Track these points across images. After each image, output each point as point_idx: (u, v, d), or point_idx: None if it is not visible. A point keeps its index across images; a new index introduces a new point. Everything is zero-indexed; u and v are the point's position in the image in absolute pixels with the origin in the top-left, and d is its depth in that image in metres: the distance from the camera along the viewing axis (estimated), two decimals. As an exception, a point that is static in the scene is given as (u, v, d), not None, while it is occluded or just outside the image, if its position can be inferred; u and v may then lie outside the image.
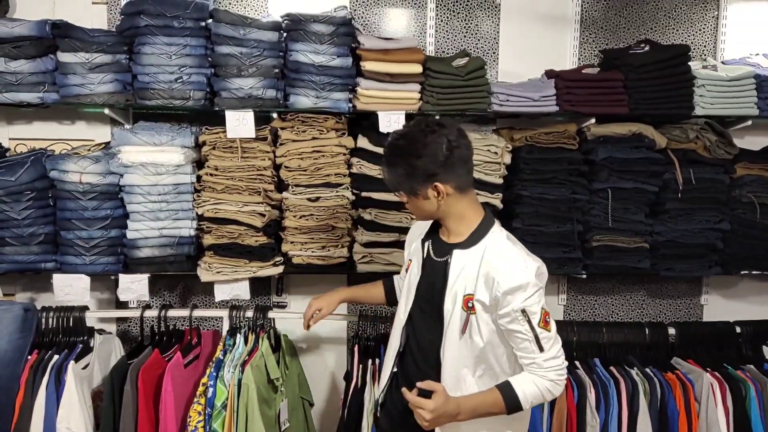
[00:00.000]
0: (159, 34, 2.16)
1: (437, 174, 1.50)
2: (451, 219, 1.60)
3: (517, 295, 1.48)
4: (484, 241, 1.57)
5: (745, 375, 2.29)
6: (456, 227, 1.60)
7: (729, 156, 2.46)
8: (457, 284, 1.56)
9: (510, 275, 1.49)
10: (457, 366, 1.56)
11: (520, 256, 1.54)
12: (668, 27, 2.70)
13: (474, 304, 1.53)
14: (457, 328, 1.55)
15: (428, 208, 1.58)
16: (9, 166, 2.20)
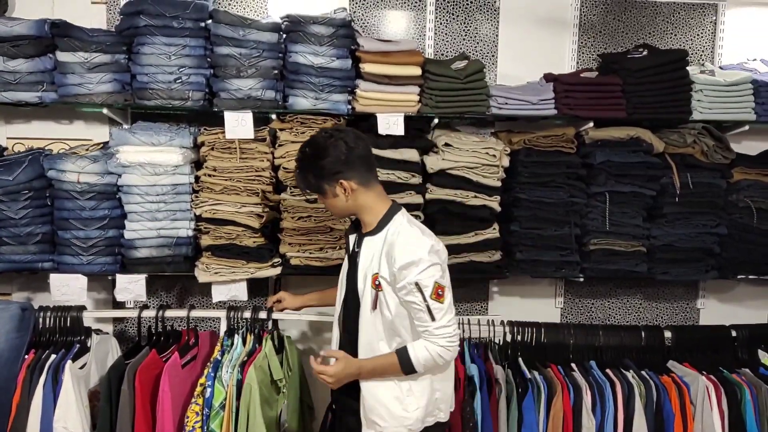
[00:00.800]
0: (158, 35, 2.16)
1: (341, 172, 1.71)
2: (362, 212, 1.79)
3: (411, 270, 1.65)
4: (388, 226, 1.77)
5: (741, 378, 2.30)
6: (368, 218, 1.79)
7: (726, 160, 2.47)
8: (366, 266, 1.76)
9: (405, 252, 1.67)
10: (371, 339, 1.76)
11: (414, 236, 1.72)
12: (666, 32, 2.71)
13: (380, 281, 1.72)
14: (368, 304, 1.75)
15: (339, 205, 1.77)
16: (7, 165, 2.19)
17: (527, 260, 2.42)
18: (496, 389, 2.17)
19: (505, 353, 2.34)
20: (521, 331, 2.35)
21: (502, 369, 2.22)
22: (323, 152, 1.72)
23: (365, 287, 1.76)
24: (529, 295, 2.76)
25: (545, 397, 2.15)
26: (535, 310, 2.72)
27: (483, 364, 2.22)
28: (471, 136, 2.42)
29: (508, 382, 2.18)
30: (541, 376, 2.21)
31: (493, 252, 2.40)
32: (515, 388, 2.16)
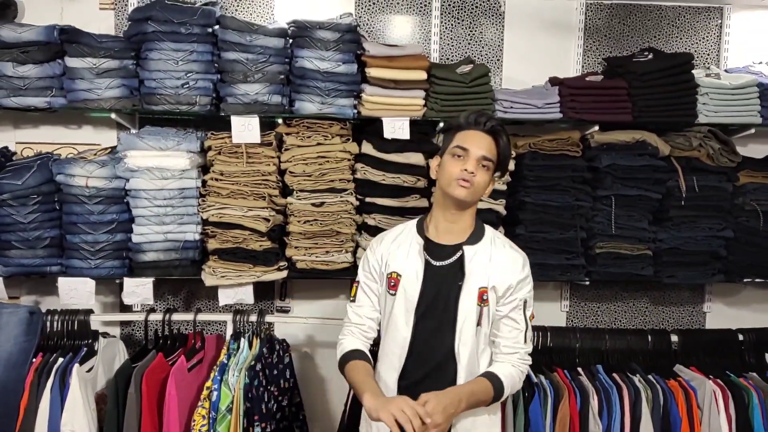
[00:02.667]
0: (166, 40, 2.18)
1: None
2: (469, 214, 1.69)
3: (525, 285, 1.66)
4: (486, 235, 1.70)
5: (748, 383, 2.28)
6: (465, 224, 1.68)
7: (732, 164, 2.46)
8: (472, 280, 1.63)
9: (522, 265, 1.66)
10: (473, 360, 1.64)
11: (519, 249, 1.72)
12: (672, 35, 2.71)
13: (487, 296, 1.62)
14: (472, 323, 1.62)
15: (482, 192, 1.67)
16: (16, 170, 2.21)
17: (533, 263, 2.32)
18: (502, 393, 2.16)
19: (511, 357, 2.34)
20: (527, 334, 2.35)
21: (509, 373, 2.22)
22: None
23: (469, 305, 1.62)
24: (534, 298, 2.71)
25: (552, 401, 2.15)
26: (540, 314, 2.68)
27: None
28: (476, 140, 2.43)
29: (515, 386, 2.18)
30: (547, 380, 2.21)
31: (498, 256, 2.40)
32: (522, 393, 2.16)
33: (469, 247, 1.66)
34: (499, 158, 1.66)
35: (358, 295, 1.76)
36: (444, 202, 1.68)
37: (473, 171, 1.60)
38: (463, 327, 1.62)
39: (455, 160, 1.63)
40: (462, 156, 1.62)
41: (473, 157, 1.61)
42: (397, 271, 1.69)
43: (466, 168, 1.60)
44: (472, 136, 1.64)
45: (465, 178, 1.60)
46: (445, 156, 1.68)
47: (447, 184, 1.63)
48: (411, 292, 1.66)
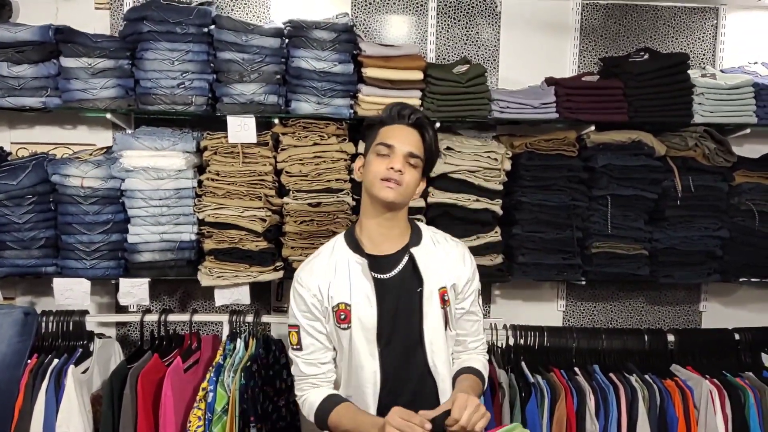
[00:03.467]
0: (162, 40, 2.17)
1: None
2: (404, 215, 1.56)
3: (476, 274, 1.58)
4: (424, 232, 1.59)
5: (744, 382, 2.29)
6: (402, 227, 1.55)
7: (728, 164, 2.47)
8: (430, 282, 1.51)
9: (469, 254, 1.59)
10: (449, 367, 1.55)
11: (458, 240, 1.64)
12: (667, 35, 2.72)
13: (448, 296, 1.53)
14: (440, 330, 1.52)
15: (413, 191, 1.52)
16: (11, 170, 2.20)
17: (529, 263, 2.42)
18: (499, 393, 2.16)
19: (507, 357, 2.34)
20: (524, 334, 2.35)
21: (505, 373, 2.22)
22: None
23: (432, 308, 1.50)
24: (531, 298, 2.76)
25: (548, 401, 2.15)
26: (537, 314, 2.71)
27: (485, 368, 2.22)
28: (473, 139, 2.43)
29: (511, 387, 2.18)
30: (544, 380, 2.21)
31: (494, 255, 2.40)
32: (518, 393, 2.16)
33: (416, 249, 1.53)
34: (427, 154, 1.52)
35: (303, 342, 1.53)
36: (372, 208, 1.52)
37: (400, 169, 1.46)
38: (433, 338, 1.50)
39: (380, 159, 1.48)
40: (387, 154, 1.48)
41: (399, 154, 1.47)
42: (344, 301, 1.50)
43: (392, 166, 1.45)
44: (396, 132, 1.50)
45: (391, 177, 1.45)
46: (368, 155, 1.53)
47: (372, 185, 1.48)
48: (367, 320, 1.48)
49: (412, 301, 1.51)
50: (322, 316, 1.53)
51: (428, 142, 1.52)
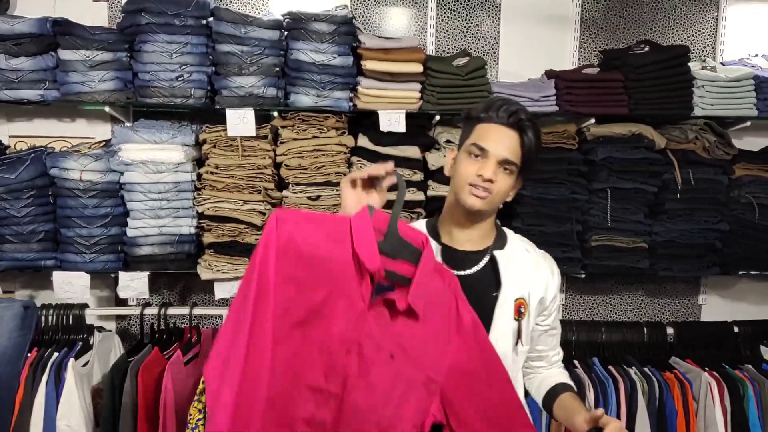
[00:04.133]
0: (160, 32, 2.16)
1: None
2: (492, 218, 1.44)
3: (559, 289, 1.49)
4: (510, 238, 1.47)
5: (743, 374, 2.30)
6: (488, 229, 1.44)
7: (728, 156, 2.47)
8: (508, 290, 1.40)
9: (556, 268, 1.47)
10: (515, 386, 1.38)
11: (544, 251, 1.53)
12: (668, 28, 2.71)
13: (525, 308, 1.41)
14: (508, 340, 1.40)
15: (504, 198, 1.39)
16: (9, 164, 2.19)
17: (529, 257, 2.42)
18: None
19: (507, 350, 2.34)
20: (523, 327, 2.35)
21: (505, 365, 2.22)
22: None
23: (503, 319, 1.39)
24: (531, 291, 2.76)
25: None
26: (537, 307, 2.72)
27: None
28: (473, 132, 2.42)
29: (511, 379, 2.18)
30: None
31: (495, 249, 2.40)
32: (518, 385, 2.16)
33: (499, 252, 1.42)
34: (525, 159, 1.37)
35: None
36: (456, 208, 1.41)
37: (491, 177, 1.33)
38: (497, 345, 1.35)
39: (471, 161, 1.36)
40: (479, 156, 1.35)
41: (492, 160, 1.34)
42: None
43: (482, 174, 1.33)
44: (493, 133, 1.35)
45: (479, 185, 1.34)
46: (461, 152, 1.41)
47: (459, 188, 1.37)
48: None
49: (483, 305, 1.36)
50: None
51: (528, 146, 1.36)
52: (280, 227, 1.12)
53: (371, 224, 1.18)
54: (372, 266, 1.15)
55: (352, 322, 1.16)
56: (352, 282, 1.16)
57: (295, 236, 1.12)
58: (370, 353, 1.18)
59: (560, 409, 1.46)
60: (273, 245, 1.10)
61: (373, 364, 1.18)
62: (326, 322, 1.15)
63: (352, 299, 1.16)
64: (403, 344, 1.22)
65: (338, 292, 1.15)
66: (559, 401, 1.47)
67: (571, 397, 1.46)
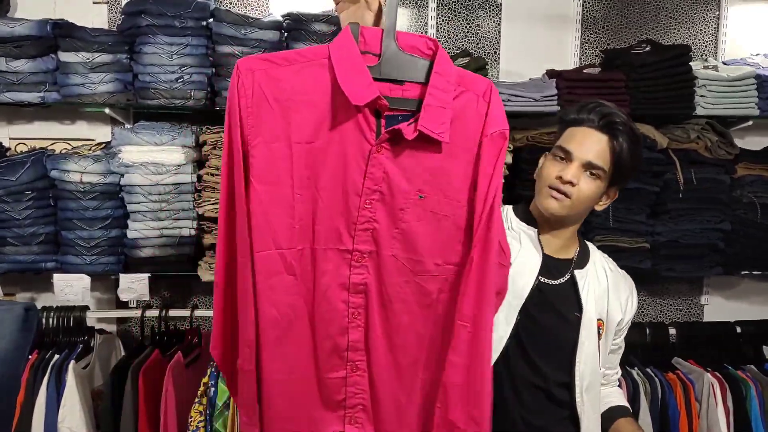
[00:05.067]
0: (160, 34, 2.16)
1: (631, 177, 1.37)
2: (575, 227, 1.39)
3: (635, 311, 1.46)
4: (593, 255, 1.43)
5: (746, 375, 2.29)
6: (571, 239, 1.40)
7: (730, 156, 2.46)
8: (591, 311, 1.36)
9: (635, 290, 1.45)
10: (597, 409, 1.39)
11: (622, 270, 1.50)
12: (669, 27, 2.70)
13: (603, 329, 1.38)
14: (595, 362, 1.35)
15: (589, 206, 1.34)
16: (9, 166, 2.19)
17: (531, 257, 2.41)
18: (500, 387, 2.16)
19: (509, 351, 2.33)
20: (525, 328, 2.35)
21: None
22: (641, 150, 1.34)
23: (590, 339, 1.35)
24: (532, 292, 2.75)
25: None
26: (538, 308, 2.71)
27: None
28: (473, 133, 2.42)
29: (513, 380, 2.18)
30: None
31: (496, 249, 2.39)
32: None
33: (580, 272, 1.38)
34: (616, 165, 1.29)
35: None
36: (537, 213, 1.40)
37: (571, 179, 1.28)
38: (585, 371, 1.33)
39: (554, 163, 1.32)
40: (564, 159, 1.31)
41: (576, 163, 1.29)
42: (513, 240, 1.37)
43: (561, 176, 1.29)
44: (580, 135, 1.30)
45: (558, 188, 1.29)
46: (548, 155, 1.38)
47: (539, 191, 1.35)
48: (518, 292, 1.33)
49: (567, 325, 1.35)
50: None
51: (618, 151, 1.28)
52: (244, 80, 1.00)
53: (357, 47, 1.02)
54: (359, 99, 0.99)
55: (362, 169, 1.03)
56: (351, 123, 1.02)
57: (264, 88, 1.00)
58: (395, 198, 1.05)
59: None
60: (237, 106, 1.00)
61: (402, 210, 1.06)
62: (332, 176, 1.04)
63: (357, 143, 1.03)
64: (431, 180, 1.06)
65: (338, 139, 1.02)
66: (616, 426, 1.43)
67: (628, 423, 1.43)
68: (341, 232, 1.07)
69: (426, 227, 1.07)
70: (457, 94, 1.07)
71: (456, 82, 1.07)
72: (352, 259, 1.07)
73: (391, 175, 1.05)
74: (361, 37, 1.04)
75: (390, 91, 1.04)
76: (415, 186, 1.06)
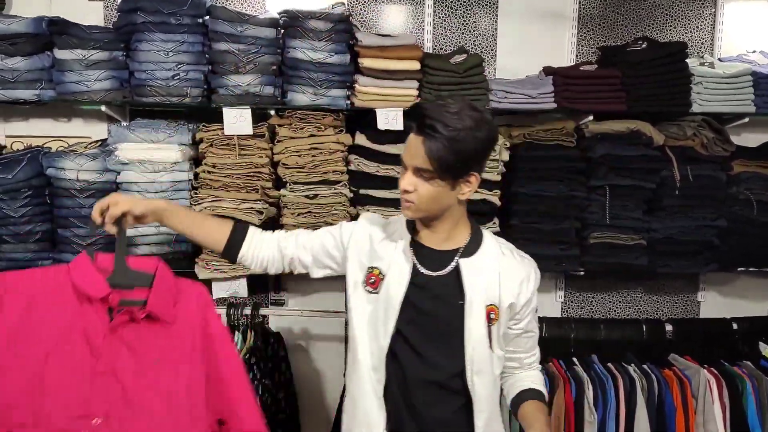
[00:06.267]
0: (156, 31, 2.15)
1: (483, 161, 1.37)
2: (451, 219, 1.41)
3: (536, 292, 1.47)
4: (486, 242, 1.45)
5: (742, 371, 2.30)
6: (454, 231, 1.42)
7: (726, 153, 2.46)
8: (478, 297, 1.39)
9: (534, 273, 1.47)
10: (490, 391, 1.43)
11: (524, 254, 1.52)
12: (666, 24, 2.70)
13: (496, 314, 1.40)
14: (484, 346, 1.39)
15: (444, 201, 1.36)
16: (5, 164, 2.18)
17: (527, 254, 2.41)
18: (497, 383, 2.16)
19: (506, 348, 2.34)
20: (522, 325, 2.35)
21: (503, 363, 2.22)
22: (490, 134, 1.32)
23: (478, 325, 1.39)
24: (529, 289, 2.75)
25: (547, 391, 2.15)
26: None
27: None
28: (470, 130, 2.42)
29: (510, 377, 2.18)
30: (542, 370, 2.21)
31: (493, 246, 2.39)
32: (516, 383, 2.16)
33: (466, 260, 1.41)
34: (438, 162, 1.29)
35: (316, 231, 1.58)
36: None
37: (407, 188, 1.34)
38: (475, 352, 1.38)
39: (401, 173, 1.38)
40: (405, 168, 1.36)
41: (409, 171, 1.34)
42: (379, 268, 1.45)
43: (400, 186, 1.35)
44: (408, 142, 1.34)
45: (404, 197, 1.36)
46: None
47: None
48: (393, 297, 1.41)
49: (451, 312, 1.40)
50: (337, 254, 1.53)
51: (434, 150, 1.28)
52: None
53: (92, 265, 1.35)
54: (96, 293, 1.30)
55: (96, 351, 1.28)
56: (85, 318, 1.30)
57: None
58: (128, 370, 1.30)
59: (522, 418, 1.47)
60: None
61: (134, 378, 1.30)
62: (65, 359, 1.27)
63: (90, 331, 1.29)
64: (156, 354, 1.34)
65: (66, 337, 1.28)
66: (521, 409, 1.48)
67: (533, 407, 1.45)
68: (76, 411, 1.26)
69: (157, 403, 1.32)
70: (176, 292, 1.41)
71: (174, 286, 1.41)
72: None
73: (121, 354, 1.31)
74: (96, 259, 1.38)
75: (121, 295, 1.34)
76: (144, 364, 1.32)
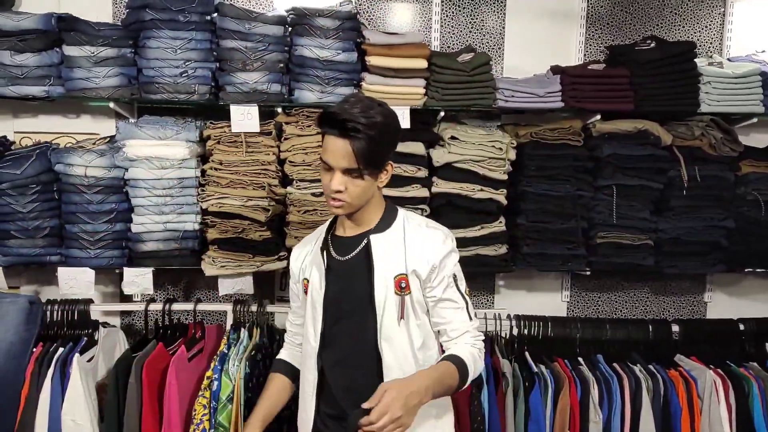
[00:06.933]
0: (164, 28, 2.16)
1: (395, 149, 1.50)
2: (371, 204, 1.50)
3: (449, 260, 1.49)
4: (397, 220, 1.53)
5: (748, 372, 2.29)
6: (368, 215, 1.51)
7: (734, 153, 2.45)
8: (385, 269, 1.47)
9: (441, 240, 1.49)
10: (401, 360, 1.47)
11: (437, 225, 1.56)
12: (674, 23, 2.69)
13: (408, 283, 1.46)
14: (394, 315, 1.46)
15: (370, 192, 1.45)
16: (14, 160, 2.20)
17: (533, 254, 2.41)
18: (502, 383, 2.16)
19: (511, 347, 2.34)
20: (527, 324, 2.35)
21: (509, 363, 2.22)
22: (396, 124, 1.44)
23: (387, 295, 1.46)
24: (535, 288, 2.75)
25: (552, 391, 2.15)
26: (541, 304, 2.71)
27: (489, 358, 2.22)
28: (477, 129, 2.42)
29: (515, 376, 2.18)
30: (548, 370, 2.21)
31: (499, 245, 2.39)
32: (522, 382, 2.16)
33: (377, 236, 1.49)
34: (365, 159, 1.37)
35: (291, 303, 1.72)
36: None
37: (338, 188, 1.40)
38: (383, 320, 1.46)
39: (324, 173, 1.43)
40: (329, 169, 1.41)
41: (337, 172, 1.40)
42: (302, 277, 1.61)
43: (331, 187, 1.41)
44: (330, 145, 1.39)
45: (334, 196, 1.42)
46: (321, 164, 1.46)
47: (325, 197, 1.47)
48: (316, 296, 1.53)
49: (361, 287, 1.48)
50: (299, 282, 1.64)
51: (361, 149, 1.35)
52: None
53: None
54: None
55: None
56: None
57: None
58: None
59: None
60: None
61: None
62: None
63: None
64: None
65: None
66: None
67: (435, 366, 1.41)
68: None
69: None
70: None
71: None
72: None
73: None
74: None
75: None
76: None
